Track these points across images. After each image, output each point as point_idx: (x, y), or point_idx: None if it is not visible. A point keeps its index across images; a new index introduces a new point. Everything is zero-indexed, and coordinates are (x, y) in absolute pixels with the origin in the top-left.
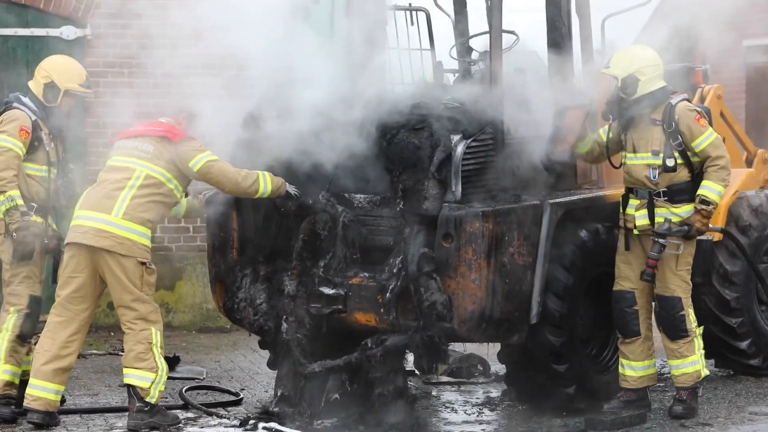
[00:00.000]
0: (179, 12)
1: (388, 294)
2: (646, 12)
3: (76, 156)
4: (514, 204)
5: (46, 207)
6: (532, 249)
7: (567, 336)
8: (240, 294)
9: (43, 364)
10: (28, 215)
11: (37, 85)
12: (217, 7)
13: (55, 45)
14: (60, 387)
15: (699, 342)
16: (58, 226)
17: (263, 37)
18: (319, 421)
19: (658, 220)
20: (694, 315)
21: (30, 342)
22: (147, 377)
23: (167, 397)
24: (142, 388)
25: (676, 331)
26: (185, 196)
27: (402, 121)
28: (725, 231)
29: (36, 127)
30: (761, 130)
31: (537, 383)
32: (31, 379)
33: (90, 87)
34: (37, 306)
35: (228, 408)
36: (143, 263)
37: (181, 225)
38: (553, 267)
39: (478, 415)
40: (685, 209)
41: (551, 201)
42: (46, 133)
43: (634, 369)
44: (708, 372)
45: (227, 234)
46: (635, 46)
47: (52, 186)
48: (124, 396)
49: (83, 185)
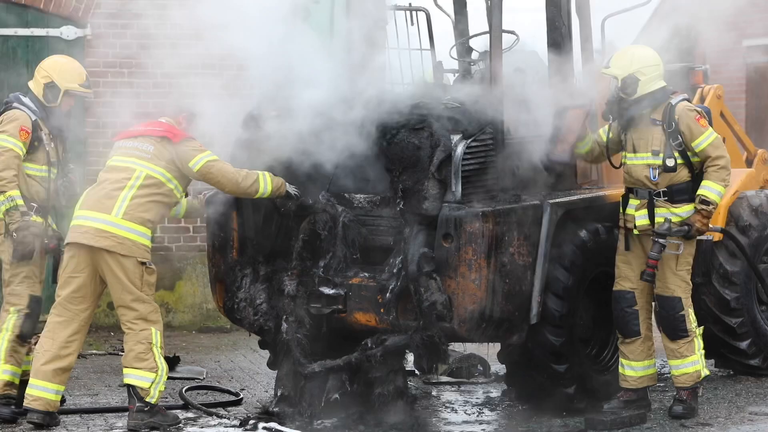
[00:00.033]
0: (179, 12)
1: (388, 294)
2: (645, 12)
3: (76, 156)
4: (514, 204)
5: (46, 207)
6: (532, 249)
7: (567, 336)
8: (240, 294)
9: (43, 364)
10: (27, 215)
11: (37, 85)
12: (217, 7)
13: (55, 45)
14: (60, 387)
15: (699, 342)
16: (58, 226)
17: (263, 37)
18: (319, 421)
19: (658, 220)
20: (694, 315)
21: (30, 342)
22: (147, 377)
23: (167, 397)
24: (142, 388)
25: (676, 331)
26: (185, 196)
27: (402, 121)
28: (725, 231)
29: (36, 127)
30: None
31: (537, 383)
32: (31, 379)
33: (90, 87)
34: (37, 306)
35: (228, 408)
36: (143, 263)
37: (181, 225)
38: (553, 267)
39: (478, 415)
40: (685, 209)
41: (551, 201)
42: (46, 133)
43: (634, 369)
44: (708, 372)
45: (227, 234)
46: (635, 46)
47: (52, 186)
48: (124, 396)
49: (83, 185)
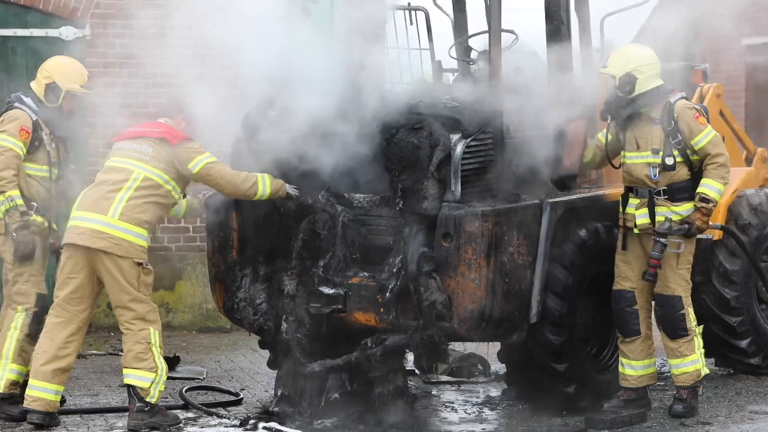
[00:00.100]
0: (178, 12)
1: (387, 293)
2: (645, 11)
3: (75, 156)
4: (513, 203)
5: (46, 207)
6: (531, 248)
7: (567, 335)
8: (240, 294)
9: (42, 364)
10: (27, 215)
11: (39, 86)
12: (217, 7)
13: (55, 45)
14: (59, 387)
15: (699, 341)
16: (58, 226)
17: (263, 37)
18: (319, 421)
19: (658, 219)
20: (693, 314)
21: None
22: (147, 377)
23: (167, 397)
24: (142, 388)
25: (676, 330)
26: (183, 197)
27: (401, 121)
28: (725, 228)
29: (37, 127)
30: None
31: (537, 382)
32: (31, 380)
33: (92, 88)
34: (45, 304)
35: (228, 408)
36: (140, 264)
37: (181, 225)
38: (553, 266)
39: (478, 415)
40: (686, 208)
41: (551, 200)
42: (47, 133)
43: (634, 368)
44: (708, 371)
45: (227, 234)
46: (632, 45)
47: (53, 186)
48: (124, 396)
49: (83, 185)
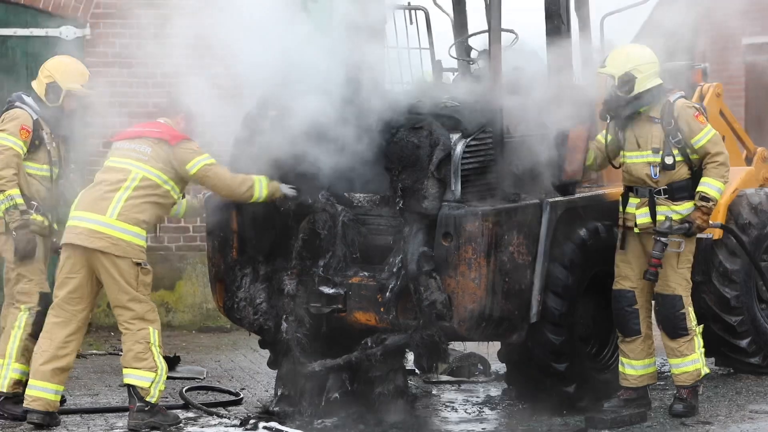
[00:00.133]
0: (178, 12)
1: (387, 293)
2: (644, 10)
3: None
4: (513, 203)
5: (47, 206)
6: (531, 248)
7: (567, 335)
8: (240, 293)
9: (42, 364)
10: (27, 214)
11: (40, 85)
12: (217, 7)
13: (54, 45)
14: (59, 387)
15: (699, 340)
16: (59, 225)
17: (263, 37)
18: (320, 421)
19: (659, 218)
20: (693, 313)
21: None
22: (147, 377)
23: (167, 397)
24: (142, 387)
25: (676, 330)
26: (182, 197)
27: (401, 120)
28: (725, 227)
29: (37, 127)
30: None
31: (537, 382)
32: (30, 380)
33: (93, 87)
34: (47, 303)
35: (228, 408)
36: (138, 264)
37: (181, 225)
38: (553, 266)
39: (478, 414)
40: (686, 207)
41: (550, 200)
42: (47, 133)
43: (634, 368)
44: (708, 370)
45: (227, 233)
46: (630, 44)
47: (53, 185)
48: (124, 396)
49: (83, 185)
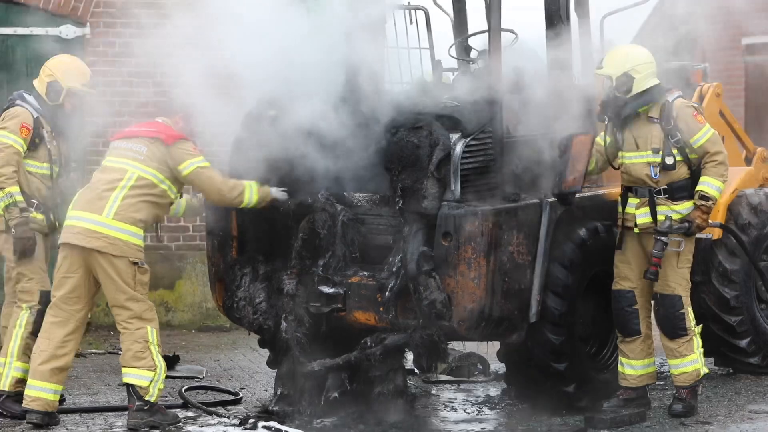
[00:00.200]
0: (178, 11)
1: (387, 293)
2: (644, 10)
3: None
4: (513, 203)
5: (47, 204)
6: (531, 247)
7: (566, 334)
8: (239, 293)
9: (40, 364)
10: (27, 211)
11: (41, 84)
12: (216, 6)
13: (55, 44)
14: (58, 386)
15: (698, 340)
16: (59, 224)
17: (263, 36)
18: (319, 420)
19: (659, 218)
20: (692, 313)
21: None
22: (146, 376)
23: (167, 396)
24: (141, 387)
25: (675, 330)
26: (180, 196)
27: (401, 120)
28: (725, 227)
29: (38, 125)
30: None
31: (537, 382)
32: (29, 380)
33: (94, 86)
34: (48, 301)
35: (228, 407)
36: (135, 263)
37: (181, 224)
38: (553, 265)
39: (477, 414)
40: (686, 206)
41: (550, 200)
42: (48, 131)
43: (633, 368)
44: (707, 370)
45: (227, 233)
46: (627, 45)
47: (53, 184)
48: (123, 395)
49: (83, 184)
